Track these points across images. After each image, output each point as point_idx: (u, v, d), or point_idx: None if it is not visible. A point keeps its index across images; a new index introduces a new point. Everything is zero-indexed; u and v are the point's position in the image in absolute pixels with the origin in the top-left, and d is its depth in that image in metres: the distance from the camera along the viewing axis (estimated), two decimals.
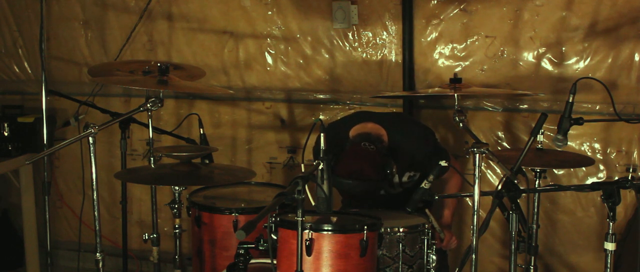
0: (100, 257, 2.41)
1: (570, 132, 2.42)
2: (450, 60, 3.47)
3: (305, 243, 2.08)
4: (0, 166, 3.75)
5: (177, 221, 2.68)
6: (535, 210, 2.73)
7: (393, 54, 3.54)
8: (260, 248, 2.25)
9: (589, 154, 3.30)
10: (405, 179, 2.84)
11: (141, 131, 3.96)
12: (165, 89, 2.53)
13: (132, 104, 4.07)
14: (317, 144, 2.78)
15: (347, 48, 3.63)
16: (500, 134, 3.48)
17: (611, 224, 2.20)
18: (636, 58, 3.18)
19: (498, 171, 3.47)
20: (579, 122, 2.40)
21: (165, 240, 3.04)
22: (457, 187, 2.97)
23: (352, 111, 3.47)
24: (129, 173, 2.85)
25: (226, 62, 3.86)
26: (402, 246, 2.37)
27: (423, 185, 2.40)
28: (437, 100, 3.53)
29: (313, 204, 2.08)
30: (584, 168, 3.32)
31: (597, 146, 3.31)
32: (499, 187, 2.24)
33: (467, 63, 3.44)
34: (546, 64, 3.32)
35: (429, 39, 3.48)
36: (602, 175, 3.32)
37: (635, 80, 3.19)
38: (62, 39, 4.17)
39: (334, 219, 2.30)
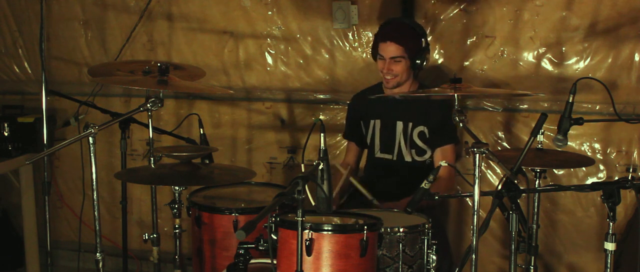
0: (100, 257, 2.41)
1: (570, 132, 2.42)
2: (450, 60, 3.47)
3: (305, 243, 2.08)
4: (0, 166, 3.75)
5: (177, 221, 2.68)
6: (535, 210, 2.73)
7: None
8: (260, 248, 2.25)
9: (589, 154, 3.30)
10: (416, 135, 3.08)
11: (141, 131, 3.96)
12: (165, 89, 2.53)
13: (132, 104, 4.07)
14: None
15: (347, 48, 3.63)
16: (500, 134, 3.48)
17: (611, 224, 2.20)
18: (636, 58, 3.18)
19: (498, 170, 3.48)
20: (579, 122, 2.40)
21: (165, 240, 3.04)
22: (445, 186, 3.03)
23: None
24: (129, 173, 2.85)
25: (226, 62, 3.86)
26: (402, 246, 2.37)
27: (423, 185, 2.41)
28: None
29: (313, 204, 2.08)
30: (584, 168, 3.32)
31: (597, 146, 3.31)
32: (499, 187, 2.24)
33: (467, 63, 3.44)
34: (546, 64, 3.32)
35: (429, 39, 3.47)
36: (602, 175, 3.32)
37: (635, 80, 3.19)
38: (62, 39, 4.17)
39: (334, 219, 2.30)
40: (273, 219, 2.16)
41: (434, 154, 3.11)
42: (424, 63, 3.04)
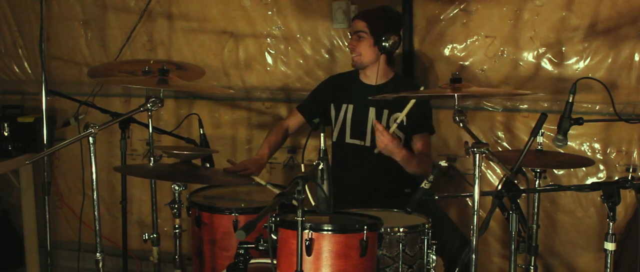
0: (100, 257, 2.41)
1: (570, 132, 2.42)
2: (450, 60, 3.47)
3: (305, 243, 2.08)
4: (0, 166, 3.75)
5: (177, 221, 2.68)
6: (535, 210, 2.73)
7: None
8: (260, 248, 2.25)
9: (589, 154, 3.30)
10: (392, 123, 3.00)
11: (141, 131, 3.96)
12: (165, 87, 2.53)
13: (132, 104, 4.07)
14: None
15: (347, 48, 3.63)
16: (500, 134, 3.48)
17: (611, 224, 2.20)
18: (636, 58, 3.18)
19: (498, 170, 3.48)
20: (579, 122, 2.40)
21: (165, 240, 3.04)
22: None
23: None
24: (128, 167, 2.85)
25: (226, 62, 3.86)
26: (402, 246, 2.37)
27: (423, 185, 2.41)
28: (437, 100, 3.53)
29: (313, 204, 2.08)
30: (584, 168, 3.32)
31: (597, 146, 3.31)
32: (499, 187, 2.24)
33: (467, 63, 3.44)
34: (546, 64, 3.32)
35: (429, 38, 3.48)
36: (602, 175, 3.32)
37: (635, 80, 3.20)
38: (62, 39, 4.17)
39: (334, 219, 2.30)
40: (273, 219, 2.16)
41: (412, 140, 3.10)
42: (388, 44, 3.00)
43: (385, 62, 3.09)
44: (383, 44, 3.01)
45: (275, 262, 2.17)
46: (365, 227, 2.13)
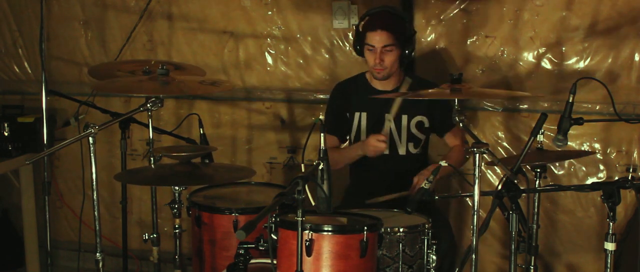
0: (100, 257, 2.41)
1: (570, 132, 2.42)
2: (451, 60, 3.47)
3: (305, 243, 2.08)
4: (0, 166, 3.75)
5: (177, 221, 2.68)
6: (535, 210, 2.73)
7: None
8: (260, 248, 2.25)
9: None
10: (413, 125, 3.02)
11: (141, 131, 3.95)
12: (167, 94, 2.53)
13: (132, 104, 4.06)
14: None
15: (347, 48, 3.63)
16: (500, 134, 3.48)
17: (611, 224, 2.20)
18: (636, 58, 3.18)
19: (498, 170, 3.47)
20: (579, 122, 2.40)
21: (165, 240, 3.04)
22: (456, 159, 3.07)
23: None
24: (128, 174, 2.85)
25: (226, 62, 3.86)
26: (402, 246, 2.37)
27: (423, 185, 2.41)
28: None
29: (313, 204, 2.08)
30: (584, 168, 3.32)
31: (597, 146, 3.31)
32: (499, 187, 2.24)
33: (467, 63, 3.44)
34: (546, 64, 3.32)
35: (429, 39, 3.48)
36: (602, 175, 3.32)
37: (635, 80, 3.20)
38: (62, 39, 4.17)
39: (334, 219, 2.30)
40: (273, 219, 2.16)
41: (445, 139, 3.13)
42: (411, 54, 3.00)
43: (399, 66, 3.06)
44: (407, 52, 2.97)
45: (275, 262, 2.17)
46: (365, 227, 2.13)
